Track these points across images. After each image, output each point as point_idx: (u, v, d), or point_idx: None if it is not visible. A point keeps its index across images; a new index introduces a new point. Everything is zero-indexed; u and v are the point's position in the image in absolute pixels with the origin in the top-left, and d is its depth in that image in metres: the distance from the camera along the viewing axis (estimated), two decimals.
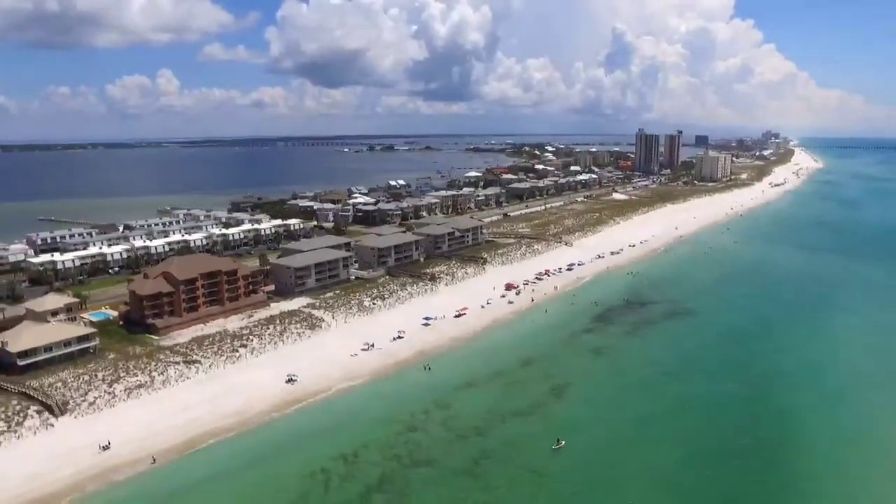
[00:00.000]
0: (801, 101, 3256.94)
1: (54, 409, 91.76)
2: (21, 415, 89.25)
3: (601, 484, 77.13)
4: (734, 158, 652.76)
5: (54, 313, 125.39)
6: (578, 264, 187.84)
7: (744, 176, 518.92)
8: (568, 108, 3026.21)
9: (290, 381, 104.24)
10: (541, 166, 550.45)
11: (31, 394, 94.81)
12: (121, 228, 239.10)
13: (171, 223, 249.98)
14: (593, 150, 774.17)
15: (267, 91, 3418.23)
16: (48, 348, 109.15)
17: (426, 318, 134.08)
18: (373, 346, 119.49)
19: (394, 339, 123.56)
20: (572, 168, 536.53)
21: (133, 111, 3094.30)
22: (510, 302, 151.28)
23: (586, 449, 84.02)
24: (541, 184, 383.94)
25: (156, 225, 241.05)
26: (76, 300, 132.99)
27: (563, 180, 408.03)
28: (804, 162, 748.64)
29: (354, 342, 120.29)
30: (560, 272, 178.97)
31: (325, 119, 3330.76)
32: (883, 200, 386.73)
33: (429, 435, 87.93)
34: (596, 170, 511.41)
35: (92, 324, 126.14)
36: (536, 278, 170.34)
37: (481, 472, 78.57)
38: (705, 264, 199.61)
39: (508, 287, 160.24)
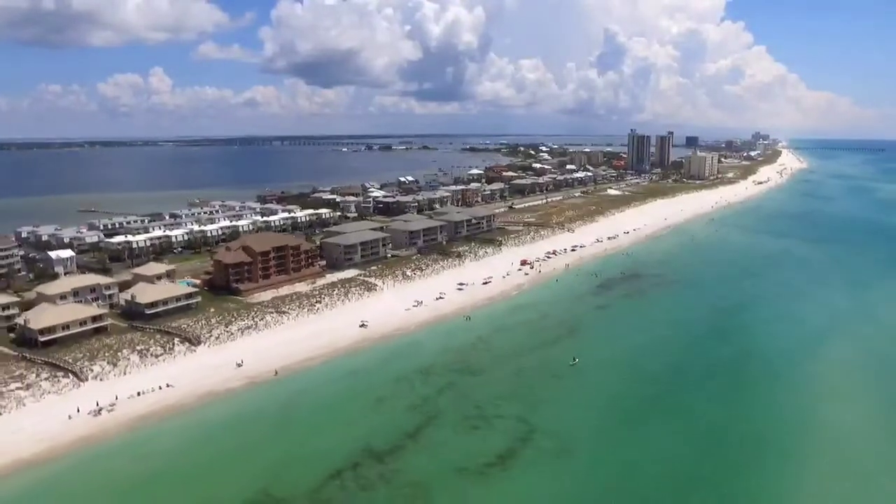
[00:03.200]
0: (791, 103, 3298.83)
1: (192, 340, 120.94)
2: (169, 344, 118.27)
3: (604, 382, 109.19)
4: (722, 159, 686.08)
5: (158, 277, 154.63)
6: (581, 246, 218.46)
7: (730, 175, 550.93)
8: (560, 108, 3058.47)
9: (362, 325, 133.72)
10: (538, 165, 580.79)
11: (170, 331, 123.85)
12: (167, 217, 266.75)
13: (211, 212, 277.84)
14: (587, 150, 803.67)
15: (259, 90, 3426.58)
16: (165, 302, 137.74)
17: (460, 284, 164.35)
18: (421, 303, 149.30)
19: (437, 298, 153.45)
20: (568, 167, 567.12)
21: (125, 109, 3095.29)
22: (526, 274, 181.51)
23: (593, 364, 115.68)
24: (541, 180, 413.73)
25: (201, 213, 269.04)
26: (172, 268, 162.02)
27: (561, 177, 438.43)
28: (789, 162, 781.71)
29: (405, 300, 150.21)
30: (565, 252, 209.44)
31: (318, 118, 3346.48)
32: (853, 196, 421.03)
33: (477, 359, 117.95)
34: (591, 168, 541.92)
35: None
36: (546, 256, 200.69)
37: (520, 378, 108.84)
38: (689, 247, 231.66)
39: (523, 263, 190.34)
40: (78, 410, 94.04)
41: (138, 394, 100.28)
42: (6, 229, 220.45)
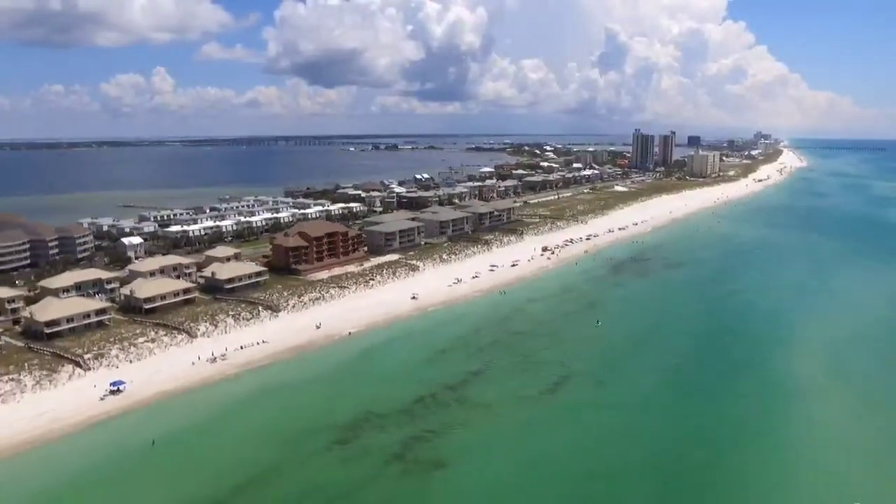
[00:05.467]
0: (793, 103, 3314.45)
1: (273, 308, 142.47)
2: (255, 311, 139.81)
3: (623, 337, 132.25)
4: (724, 157, 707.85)
5: (227, 258, 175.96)
6: (594, 236, 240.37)
7: (731, 173, 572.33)
8: (561, 108, 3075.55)
9: (413, 298, 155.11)
10: (546, 163, 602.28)
11: (253, 301, 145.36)
12: (207, 210, 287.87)
13: (248, 206, 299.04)
14: (590, 149, 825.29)
15: (261, 90, 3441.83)
16: (240, 278, 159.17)
17: (492, 266, 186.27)
18: (460, 280, 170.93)
19: (473, 277, 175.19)
20: (575, 165, 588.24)
21: (127, 110, 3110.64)
22: (548, 258, 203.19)
23: (614, 325, 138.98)
24: (551, 177, 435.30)
25: (241, 207, 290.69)
26: (238, 251, 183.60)
27: (569, 175, 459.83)
28: (789, 161, 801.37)
29: (446, 279, 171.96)
30: (581, 241, 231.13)
31: (320, 118, 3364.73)
32: (849, 193, 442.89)
33: (516, 323, 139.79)
34: (596, 167, 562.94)
35: None
36: (565, 244, 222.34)
37: (555, 336, 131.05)
38: (692, 236, 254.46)
39: (545, 249, 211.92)
40: (199, 358, 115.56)
41: (241, 347, 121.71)
42: (59, 222, 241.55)
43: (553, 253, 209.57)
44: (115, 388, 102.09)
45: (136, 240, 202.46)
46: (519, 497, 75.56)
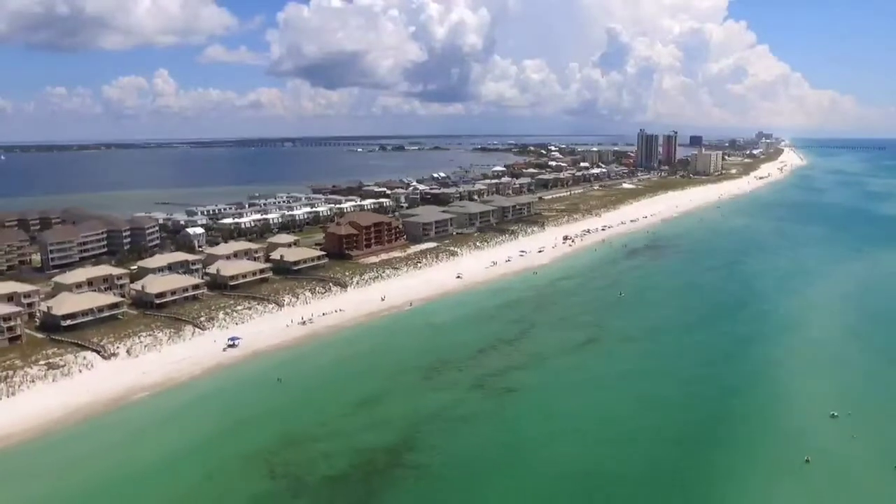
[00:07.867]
0: (795, 102, 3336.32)
1: (342, 285, 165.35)
2: (327, 287, 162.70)
3: (643, 304, 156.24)
4: (726, 156, 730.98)
5: (288, 245, 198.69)
6: (609, 227, 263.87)
7: (733, 171, 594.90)
8: (563, 109, 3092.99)
9: (458, 277, 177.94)
10: (554, 163, 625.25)
11: (323, 278, 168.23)
12: (246, 205, 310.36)
13: (286, 201, 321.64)
14: (594, 149, 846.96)
15: (263, 92, 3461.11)
16: (304, 261, 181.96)
17: (521, 251, 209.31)
18: (495, 263, 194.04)
19: (506, 261, 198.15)
20: (582, 164, 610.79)
21: (129, 112, 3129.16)
22: (570, 245, 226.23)
23: (634, 295, 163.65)
24: (561, 175, 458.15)
25: (282, 202, 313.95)
26: (297, 238, 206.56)
27: (578, 173, 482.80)
28: (790, 160, 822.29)
29: (483, 262, 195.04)
30: (597, 231, 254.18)
31: (322, 120, 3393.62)
32: (843, 189, 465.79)
33: (550, 294, 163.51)
34: (603, 165, 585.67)
35: None
36: (583, 233, 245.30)
37: (585, 304, 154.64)
38: (698, 228, 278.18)
39: (566, 238, 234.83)
40: (291, 321, 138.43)
41: (322, 314, 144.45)
42: None
43: (574, 241, 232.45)
44: (232, 342, 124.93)
45: (199, 230, 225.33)
46: (572, 408, 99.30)
